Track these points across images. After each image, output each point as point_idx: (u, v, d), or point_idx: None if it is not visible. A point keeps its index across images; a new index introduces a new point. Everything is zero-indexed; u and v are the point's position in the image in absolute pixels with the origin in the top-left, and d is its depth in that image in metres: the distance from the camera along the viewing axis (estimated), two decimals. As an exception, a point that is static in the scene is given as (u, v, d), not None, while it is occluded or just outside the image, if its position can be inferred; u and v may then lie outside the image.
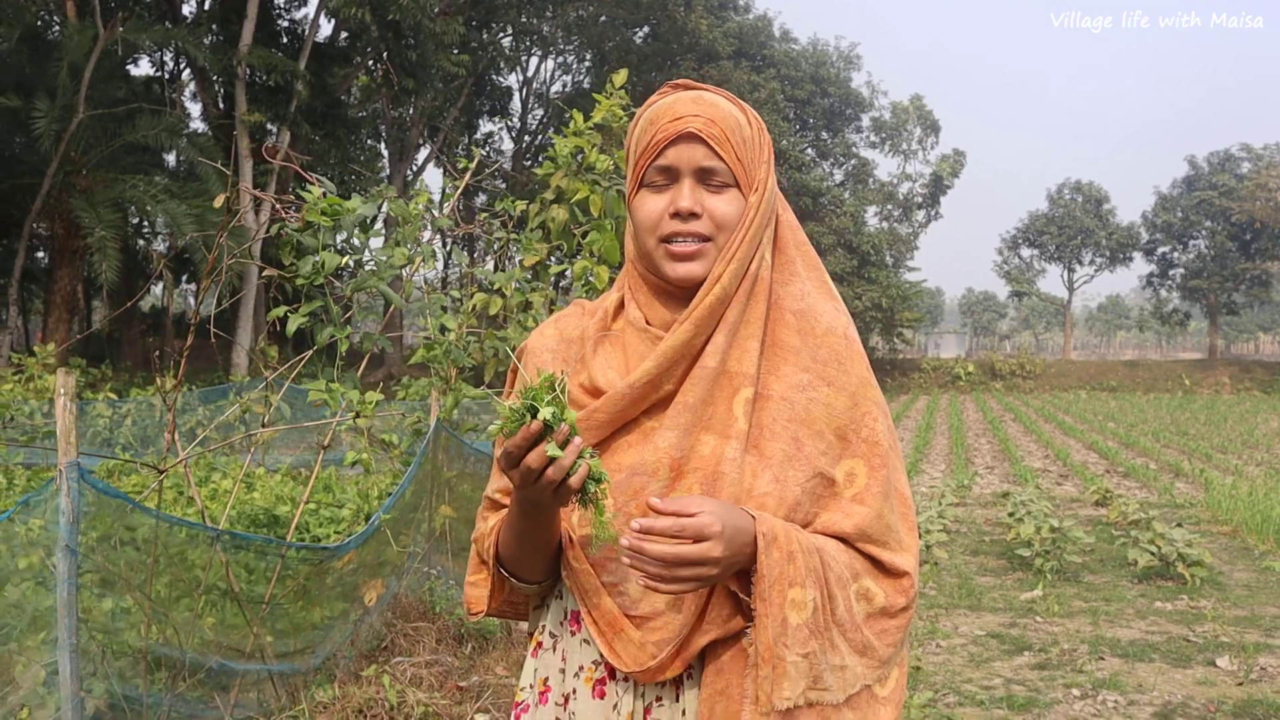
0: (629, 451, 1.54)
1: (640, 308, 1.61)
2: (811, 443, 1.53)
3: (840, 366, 1.58)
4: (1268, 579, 8.51)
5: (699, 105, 1.55)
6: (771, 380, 1.56)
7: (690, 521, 1.37)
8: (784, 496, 1.50)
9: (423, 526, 5.72)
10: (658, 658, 1.48)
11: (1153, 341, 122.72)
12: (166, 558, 3.74)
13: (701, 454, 1.51)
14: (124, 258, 25.53)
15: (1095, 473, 16.08)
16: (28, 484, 8.57)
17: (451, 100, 35.71)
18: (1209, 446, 20.60)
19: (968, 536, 10.55)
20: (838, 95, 38.58)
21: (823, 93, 38.28)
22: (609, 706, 1.55)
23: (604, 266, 6.35)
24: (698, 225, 1.53)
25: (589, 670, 1.58)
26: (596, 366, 1.59)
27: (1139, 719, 5.18)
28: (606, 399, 1.53)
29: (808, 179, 36.05)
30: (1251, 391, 47.57)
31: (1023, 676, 5.86)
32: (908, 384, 45.95)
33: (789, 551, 1.43)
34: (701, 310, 1.51)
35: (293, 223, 3.50)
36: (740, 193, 1.55)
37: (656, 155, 1.54)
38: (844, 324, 1.63)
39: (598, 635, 1.53)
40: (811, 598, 1.44)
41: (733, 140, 1.54)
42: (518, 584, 1.65)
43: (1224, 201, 55.72)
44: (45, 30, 26.82)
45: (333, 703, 4.32)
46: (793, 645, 1.42)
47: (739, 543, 1.40)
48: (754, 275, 1.55)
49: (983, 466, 17.44)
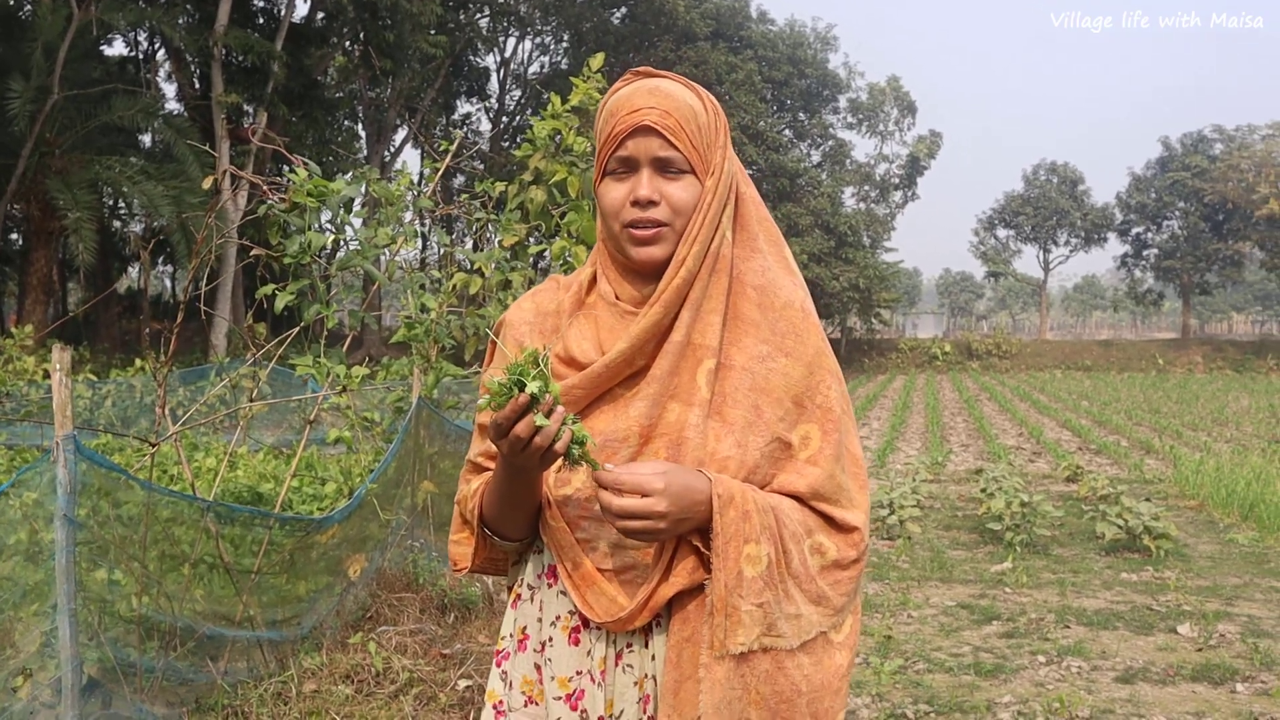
0: (603, 420, 1.66)
1: (611, 284, 1.73)
2: (770, 409, 1.65)
3: (798, 338, 1.70)
4: (1230, 551, 8.73)
5: (655, 97, 1.65)
6: (734, 351, 1.68)
7: (630, 478, 1.52)
8: (744, 460, 1.63)
9: (405, 501, 5.83)
10: (626, 609, 1.61)
11: (1127, 321, 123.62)
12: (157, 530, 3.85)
13: (668, 420, 1.64)
14: (100, 239, 25.45)
15: (1068, 450, 16.31)
16: (11, 464, 8.63)
17: (429, 81, 35.61)
18: (1180, 424, 20.89)
19: (941, 512, 10.74)
20: (815, 76, 38.66)
21: (800, 74, 38.35)
22: (583, 653, 1.68)
23: (581, 246, 6.46)
24: (656, 212, 1.63)
25: (565, 619, 1.71)
26: (571, 338, 1.71)
27: (1101, 683, 5.35)
28: (584, 376, 1.65)
29: (785, 160, 36.14)
30: (1224, 370, 48.09)
31: (991, 644, 6.03)
32: (885, 364, 46.20)
33: (744, 510, 1.56)
34: (669, 293, 1.63)
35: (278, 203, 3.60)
36: (697, 178, 1.66)
37: (616, 146, 1.65)
38: (801, 297, 1.75)
39: (572, 588, 1.66)
40: (766, 553, 1.57)
41: (687, 130, 1.64)
42: (499, 542, 1.77)
43: (1197, 183, 56.15)
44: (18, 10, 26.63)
45: (320, 669, 4.44)
46: (747, 595, 1.55)
47: (689, 500, 1.54)
48: (715, 253, 1.67)
49: (957, 444, 17.65)
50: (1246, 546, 8.88)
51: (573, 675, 1.69)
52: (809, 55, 38.43)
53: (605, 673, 1.67)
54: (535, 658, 1.75)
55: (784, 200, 36.16)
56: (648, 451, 1.63)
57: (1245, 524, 9.81)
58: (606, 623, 1.62)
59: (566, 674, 1.69)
